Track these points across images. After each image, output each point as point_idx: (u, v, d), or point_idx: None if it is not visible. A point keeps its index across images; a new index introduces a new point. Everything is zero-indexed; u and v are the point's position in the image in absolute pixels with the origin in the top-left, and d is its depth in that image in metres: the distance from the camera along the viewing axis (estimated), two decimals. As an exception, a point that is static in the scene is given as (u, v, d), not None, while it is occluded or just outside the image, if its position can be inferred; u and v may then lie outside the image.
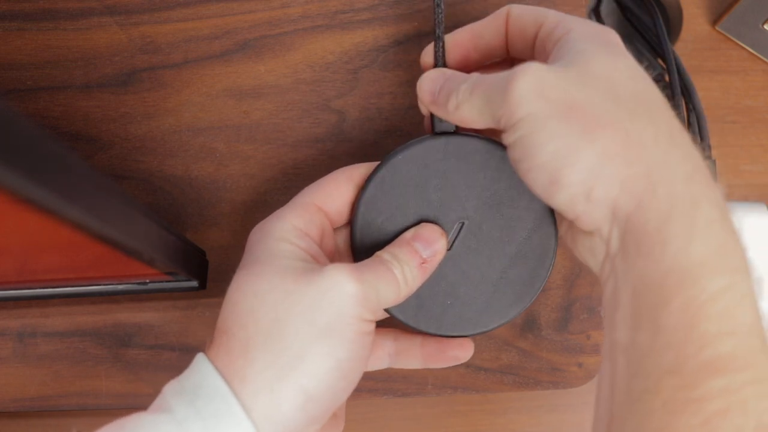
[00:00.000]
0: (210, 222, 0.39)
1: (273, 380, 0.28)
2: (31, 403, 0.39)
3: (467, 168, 0.33)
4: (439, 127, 0.33)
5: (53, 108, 0.40)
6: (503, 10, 0.32)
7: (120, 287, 0.36)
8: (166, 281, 0.36)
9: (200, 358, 0.29)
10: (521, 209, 0.32)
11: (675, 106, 0.44)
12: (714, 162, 0.43)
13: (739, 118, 0.49)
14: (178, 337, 0.39)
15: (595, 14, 0.49)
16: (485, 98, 0.29)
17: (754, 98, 0.50)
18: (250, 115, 0.40)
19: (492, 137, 0.33)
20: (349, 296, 0.29)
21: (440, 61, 0.33)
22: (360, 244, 0.33)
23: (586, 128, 0.26)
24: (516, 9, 0.32)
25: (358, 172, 0.34)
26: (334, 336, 0.28)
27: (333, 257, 0.34)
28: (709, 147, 0.44)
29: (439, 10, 0.33)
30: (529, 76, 0.27)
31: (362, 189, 0.33)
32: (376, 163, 0.34)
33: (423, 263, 0.32)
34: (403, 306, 0.33)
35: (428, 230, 0.32)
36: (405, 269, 0.31)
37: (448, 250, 0.33)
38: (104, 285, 0.36)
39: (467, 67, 0.34)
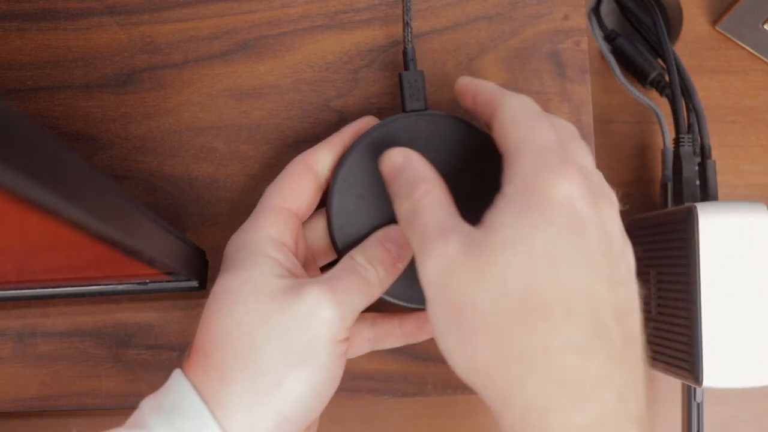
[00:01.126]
0: (210, 222, 0.39)
1: (250, 405, 0.28)
2: (31, 403, 0.39)
3: (440, 145, 0.33)
4: (410, 106, 0.33)
5: (53, 108, 0.40)
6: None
7: (120, 287, 0.36)
8: (166, 281, 0.36)
9: (178, 376, 0.29)
10: (495, 184, 0.31)
11: (675, 108, 0.44)
12: (714, 162, 0.43)
13: (739, 118, 0.49)
14: (178, 337, 0.39)
15: (595, 14, 0.48)
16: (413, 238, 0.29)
17: (754, 98, 0.50)
18: (250, 115, 0.40)
19: (464, 117, 0.33)
20: (323, 321, 0.29)
21: (410, 44, 0.36)
22: (339, 230, 0.33)
23: (462, 336, 0.26)
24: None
25: (314, 157, 0.34)
26: (311, 361, 0.29)
27: (306, 259, 0.34)
28: (709, 147, 0.44)
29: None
30: (434, 264, 0.27)
31: (335, 172, 0.33)
32: (330, 140, 0.34)
33: (396, 263, 0.32)
34: None
35: (395, 231, 0.33)
36: (379, 270, 0.31)
37: None
38: (104, 285, 0.36)
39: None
